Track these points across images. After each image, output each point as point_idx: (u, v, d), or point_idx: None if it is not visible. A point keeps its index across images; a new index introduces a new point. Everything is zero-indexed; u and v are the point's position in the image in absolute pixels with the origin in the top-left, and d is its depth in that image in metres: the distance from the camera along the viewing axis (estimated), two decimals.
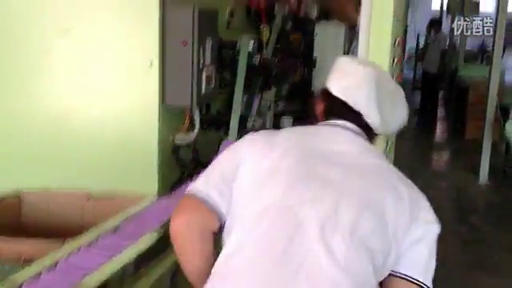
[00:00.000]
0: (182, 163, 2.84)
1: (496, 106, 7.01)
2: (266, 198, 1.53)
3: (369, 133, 1.71)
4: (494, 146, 7.28)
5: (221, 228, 1.60)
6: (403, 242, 1.52)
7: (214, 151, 2.97)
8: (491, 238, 5.26)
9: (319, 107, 1.77)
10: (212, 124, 3.17)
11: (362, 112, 1.66)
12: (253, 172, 1.59)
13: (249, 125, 3.21)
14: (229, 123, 3.16)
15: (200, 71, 2.68)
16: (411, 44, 14.99)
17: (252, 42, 3.18)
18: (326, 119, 1.73)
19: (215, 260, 1.53)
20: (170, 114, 2.73)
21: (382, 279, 1.53)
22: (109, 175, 2.68)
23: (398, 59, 2.69)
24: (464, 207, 6.23)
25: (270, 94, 3.67)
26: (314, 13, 4.31)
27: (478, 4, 11.14)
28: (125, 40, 2.60)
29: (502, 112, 7.12)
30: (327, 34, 4.33)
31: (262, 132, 1.76)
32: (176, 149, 2.81)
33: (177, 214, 1.61)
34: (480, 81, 8.35)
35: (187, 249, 1.60)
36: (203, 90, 2.72)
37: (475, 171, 7.13)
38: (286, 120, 4.18)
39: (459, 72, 10.52)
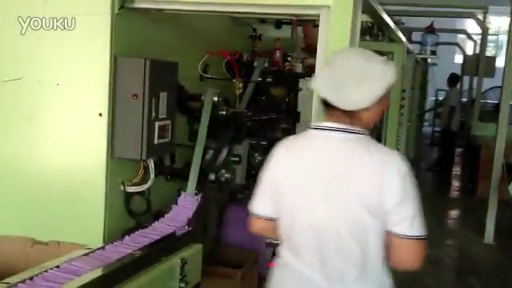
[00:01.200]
0: (133, 213, 2.83)
1: (502, 165, 6.88)
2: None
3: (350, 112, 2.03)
4: (506, 205, 7.12)
5: None
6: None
7: (172, 202, 2.99)
8: None
9: None
10: (176, 175, 3.18)
11: (340, 106, 2.01)
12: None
13: (211, 177, 3.18)
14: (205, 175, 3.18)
15: (151, 124, 2.69)
16: (431, 98, 14.96)
17: (216, 94, 3.19)
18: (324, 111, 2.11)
19: None
20: (123, 163, 2.74)
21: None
22: (55, 224, 2.71)
23: None
24: (464, 267, 6.05)
25: (241, 148, 3.66)
26: (299, 69, 4.32)
27: (493, 62, 11.08)
28: (74, 90, 2.64)
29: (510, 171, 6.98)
30: (311, 89, 4.31)
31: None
32: (128, 198, 2.81)
33: (249, 227, 2.30)
34: (492, 140, 8.22)
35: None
36: (155, 143, 2.73)
37: (482, 231, 6.96)
38: None
39: (473, 131, 10.43)
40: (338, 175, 2.00)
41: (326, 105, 2.06)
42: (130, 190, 2.81)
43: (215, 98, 3.19)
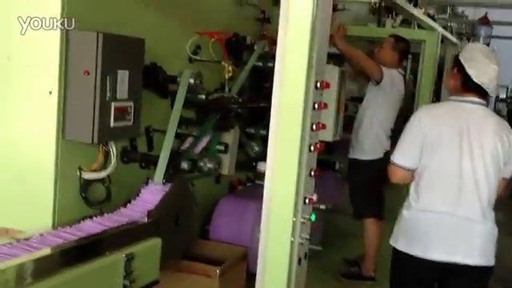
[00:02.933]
0: (90, 202, 2.61)
1: None
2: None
3: (486, 94, 2.80)
4: None
5: None
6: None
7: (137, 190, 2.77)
8: None
9: (456, 81, 2.84)
10: (150, 162, 2.95)
11: (489, 92, 2.78)
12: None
13: (184, 166, 2.93)
14: (176, 163, 2.94)
15: (106, 105, 2.45)
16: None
17: (193, 76, 2.93)
18: (461, 90, 2.81)
19: None
20: (81, 147, 2.53)
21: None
22: (6, 210, 2.53)
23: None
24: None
25: (229, 136, 3.38)
26: None
27: None
28: (24, 65, 2.45)
29: None
30: None
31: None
32: (86, 185, 2.60)
33: (390, 175, 2.90)
34: None
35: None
36: (111, 126, 2.49)
37: None
38: (263, 164, 3.88)
39: None
40: (480, 135, 2.70)
41: (467, 86, 2.76)
42: (87, 176, 2.59)
43: (191, 80, 2.93)
